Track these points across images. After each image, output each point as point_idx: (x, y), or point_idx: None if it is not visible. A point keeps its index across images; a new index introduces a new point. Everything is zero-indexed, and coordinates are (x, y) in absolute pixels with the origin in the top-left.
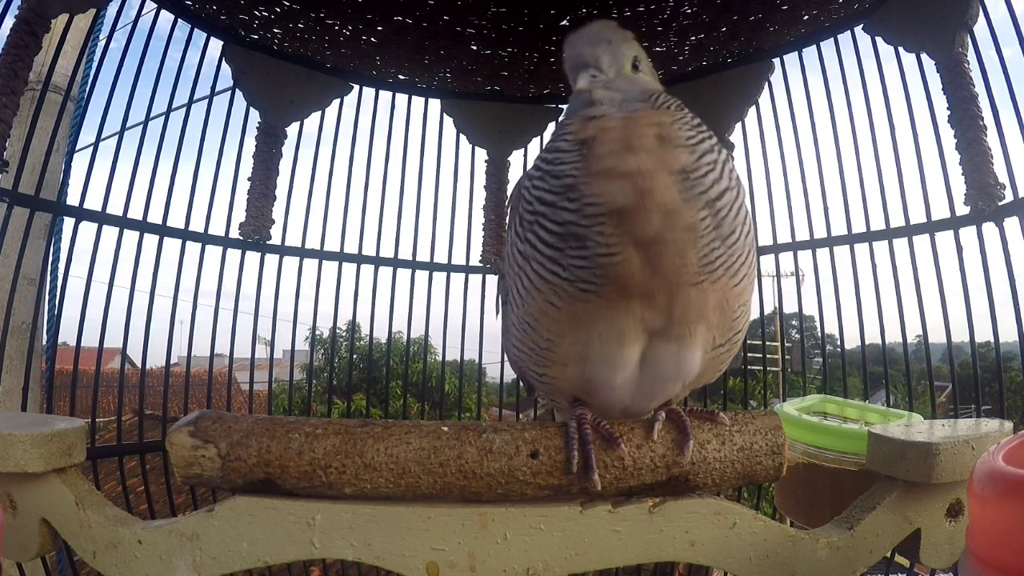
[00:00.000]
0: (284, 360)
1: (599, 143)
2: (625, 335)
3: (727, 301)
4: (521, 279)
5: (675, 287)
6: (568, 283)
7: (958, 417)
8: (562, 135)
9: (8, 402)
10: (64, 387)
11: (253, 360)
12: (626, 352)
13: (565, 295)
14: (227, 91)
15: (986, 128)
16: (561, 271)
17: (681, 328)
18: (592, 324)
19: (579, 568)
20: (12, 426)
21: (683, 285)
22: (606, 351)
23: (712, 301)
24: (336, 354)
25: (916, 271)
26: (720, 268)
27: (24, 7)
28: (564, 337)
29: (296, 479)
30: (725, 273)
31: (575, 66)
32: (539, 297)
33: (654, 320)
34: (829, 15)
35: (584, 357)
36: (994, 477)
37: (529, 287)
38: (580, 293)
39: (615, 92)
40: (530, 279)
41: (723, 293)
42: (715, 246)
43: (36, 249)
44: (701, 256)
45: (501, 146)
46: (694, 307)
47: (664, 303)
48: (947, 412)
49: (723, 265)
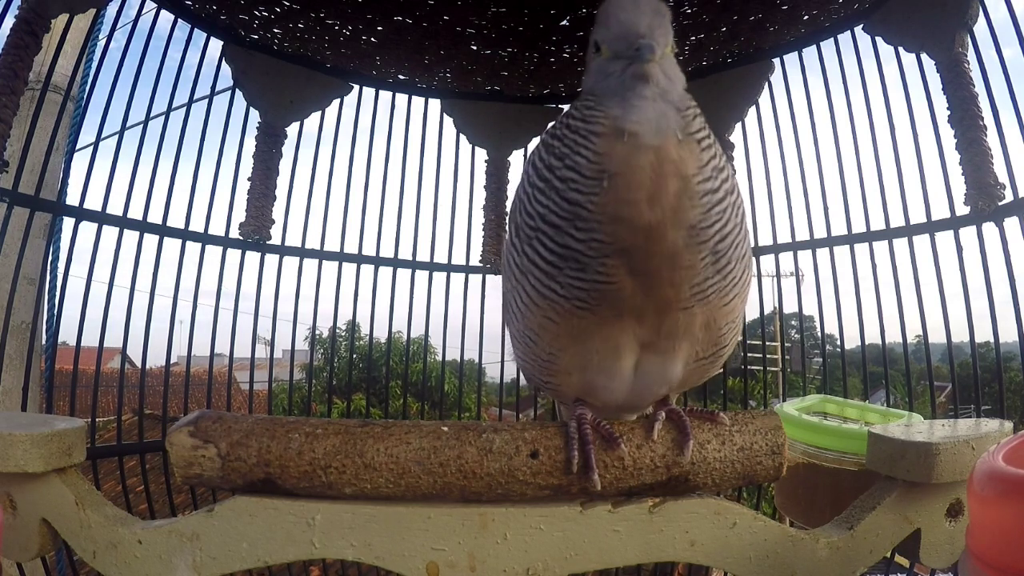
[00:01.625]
0: (284, 360)
1: (624, 186)
2: (620, 349)
3: (715, 320)
4: (519, 293)
5: (665, 312)
6: (565, 300)
7: (958, 417)
8: (583, 141)
9: (8, 402)
10: (64, 387)
11: (253, 360)
12: (622, 364)
13: (562, 311)
14: (227, 91)
15: (986, 128)
16: (559, 288)
17: (667, 343)
18: (590, 339)
19: (579, 568)
20: (12, 426)
21: (673, 311)
22: (604, 363)
23: (699, 321)
24: (336, 354)
25: (916, 271)
26: (713, 295)
27: (24, 7)
28: (564, 351)
29: (296, 479)
30: (716, 297)
31: (625, 33)
32: (538, 312)
33: (645, 335)
34: (829, 15)
35: (584, 367)
36: (994, 477)
37: (528, 302)
38: (576, 310)
39: (663, 78)
40: (528, 294)
41: (712, 314)
42: (710, 278)
43: (36, 249)
44: (693, 287)
45: (501, 146)
46: (681, 326)
47: (654, 322)
48: (947, 412)
49: (715, 292)
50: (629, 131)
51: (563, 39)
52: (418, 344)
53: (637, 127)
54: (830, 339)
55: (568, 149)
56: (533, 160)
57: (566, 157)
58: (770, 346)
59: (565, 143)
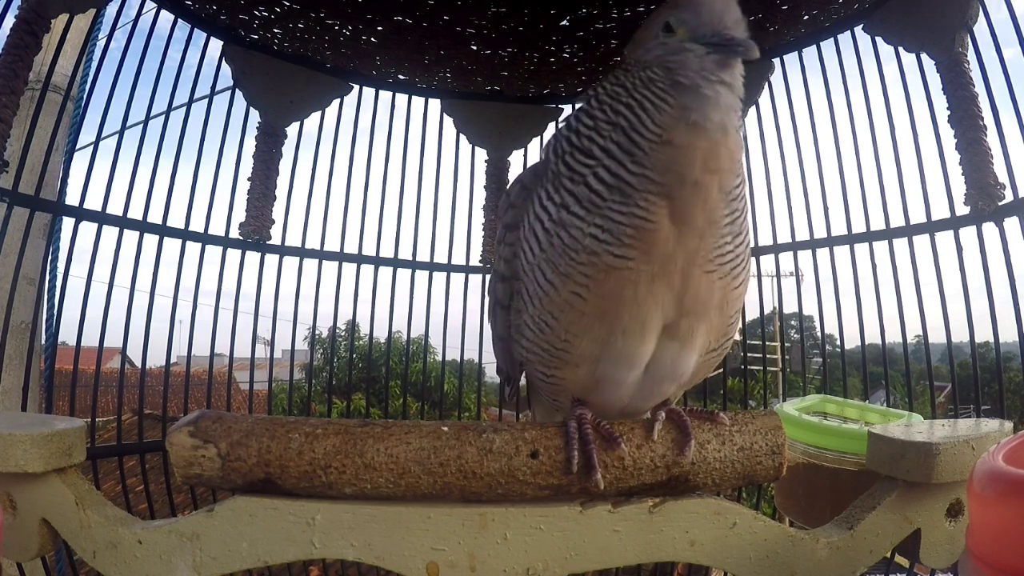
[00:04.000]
0: (284, 360)
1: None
2: (647, 325)
3: (727, 302)
4: (543, 271)
5: (691, 267)
6: (602, 246)
7: (958, 417)
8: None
9: (8, 402)
10: (64, 387)
11: (253, 360)
12: (644, 348)
13: (595, 273)
14: (227, 91)
15: (986, 128)
16: (599, 232)
17: (687, 323)
18: (618, 312)
19: (579, 568)
20: (12, 426)
21: (697, 267)
22: (626, 347)
23: (716, 298)
24: (336, 354)
25: (916, 271)
26: (728, 264)
27: (24, 7)
28: (585, 335)
29: (296, 479)
30: (729, 272)
31: (716, 21)
32: (565, 288)
33: (670, 309)
34: (829, 15)
35: (599, 356)
36: (994, 477)
37: (553, 278)
38: (613, 260)
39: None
40: (555, 266)
41: (725, 292)
42: (727, 239)
43: (36, 249)
44: (715, 244)
45: (501, 146)
46: (701, 299)
47: (680, 285)
48: (947, 412)
49: (729, 262)
50: (695, 121)
51: (563, 39)
52: (418, 344)
53: (703, 119)
54: (830, 339)
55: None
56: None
57: (634, 107)
58: (770, 346)
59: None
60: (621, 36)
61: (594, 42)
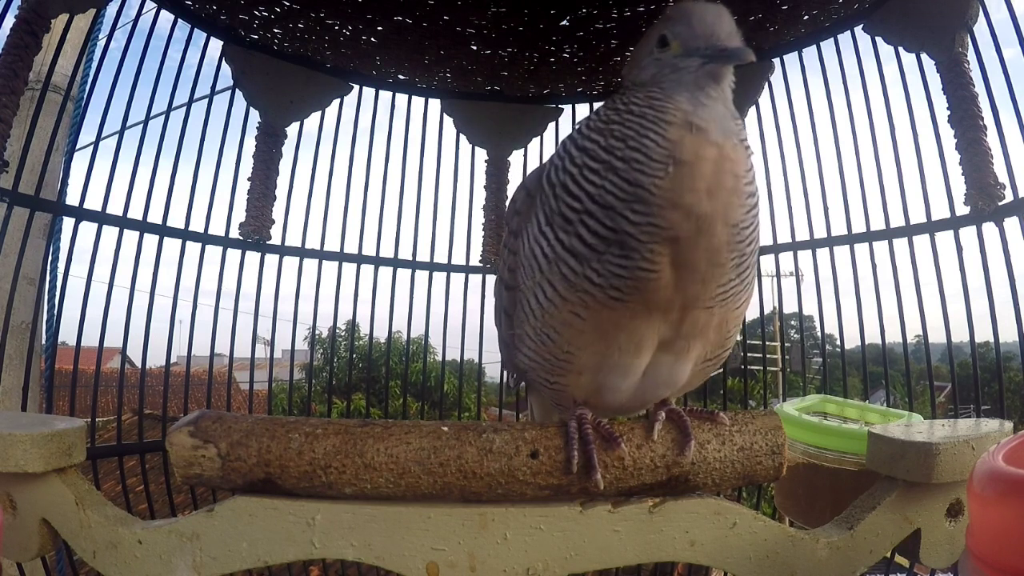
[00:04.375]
0: (284, 360)
1: (690, 174)
2: (642, 345)
3: (727, 322)
4: (543, 289)
5: (691, 308)
6: (600, 290)
7: (958, 417)
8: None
9: (8, 402)
10: (64, 387)
11: (253, 360)
12: (640, 361)
13: (593, 303)
14: (227, 91)
15: (986, 128)
16: (595, 276)
17: (683, 343)
18: (616, 334)
19: (579, 568)
20: (12, 426)
21: (698, 308)
22: (623, 360)
23: (715, 322)
24: (336, 354)
25: (916, 271)
26: (731, 298)
27: (24, 7)
28: (585, 349)
29: (296, 479)
30: (732, 299)
31: (709, 34)
32: (564, 308)
33: (666, 332)
34: (829, 15)
35: (599, 366)
36: (994, 477)
37: (553, 297)
38: (609, 301)
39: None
40: (555, 288)
41: (725, 315)
42: (732, 280)
43: (36, 249)
44: (720, 287)
45: (501, 146)
46: (700, 325)
47: (677, 319)
48: (947, 412)
49: (733, 295)
50: (698, 126)
51: (563, 39)
52: (418, 344)
53: (706, 124)
54: (830, 339)
55: (633, 132)
56: (580, 143)
57: (629, 139)
58: (770, 346)
59: (628, 126)
60: (621, 36)
61: (594, 42)
